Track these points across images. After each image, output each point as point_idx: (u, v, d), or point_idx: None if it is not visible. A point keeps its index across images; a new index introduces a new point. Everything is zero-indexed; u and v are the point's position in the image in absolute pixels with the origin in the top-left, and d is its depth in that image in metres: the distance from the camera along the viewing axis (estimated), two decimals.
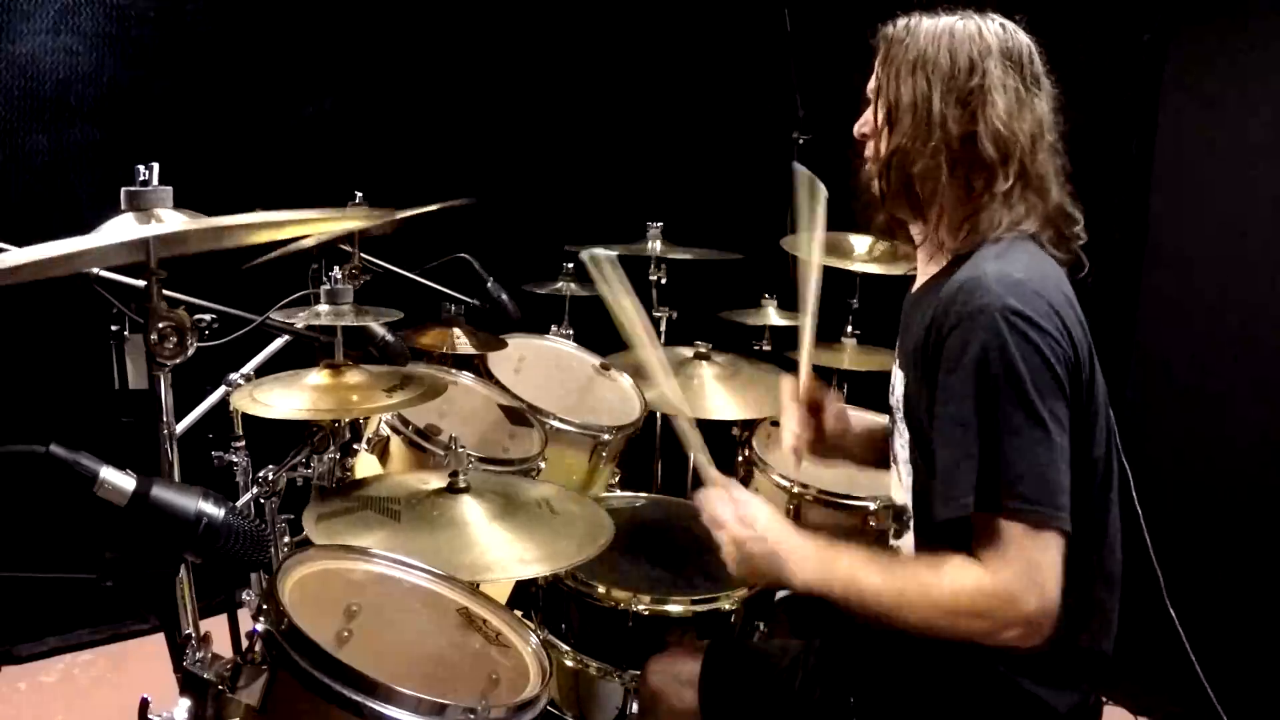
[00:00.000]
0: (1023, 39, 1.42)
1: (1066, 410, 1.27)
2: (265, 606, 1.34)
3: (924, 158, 1.40)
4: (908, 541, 1.48)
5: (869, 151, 1.50)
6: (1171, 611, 1.55)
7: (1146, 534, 1.51)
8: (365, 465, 2.13)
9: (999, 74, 1.38)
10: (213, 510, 1.12)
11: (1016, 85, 1.39)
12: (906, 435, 1.45)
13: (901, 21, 1.45)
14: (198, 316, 1.33)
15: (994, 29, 1.42)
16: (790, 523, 1.45)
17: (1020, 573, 1.21)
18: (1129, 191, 2.66)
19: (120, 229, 1.33)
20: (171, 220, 1.35)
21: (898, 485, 1.51)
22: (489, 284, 2.56)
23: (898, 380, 1.49)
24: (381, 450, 2.13)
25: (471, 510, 1.73)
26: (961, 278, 1.33)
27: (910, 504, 1.46)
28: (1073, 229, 1.46)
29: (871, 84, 1.49)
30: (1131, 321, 2.66)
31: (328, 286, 1.87)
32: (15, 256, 1.14)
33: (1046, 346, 1.25)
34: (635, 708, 1.81)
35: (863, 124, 1.51)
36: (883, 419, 1.82)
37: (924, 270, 1.51)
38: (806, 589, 1.36)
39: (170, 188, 1.37)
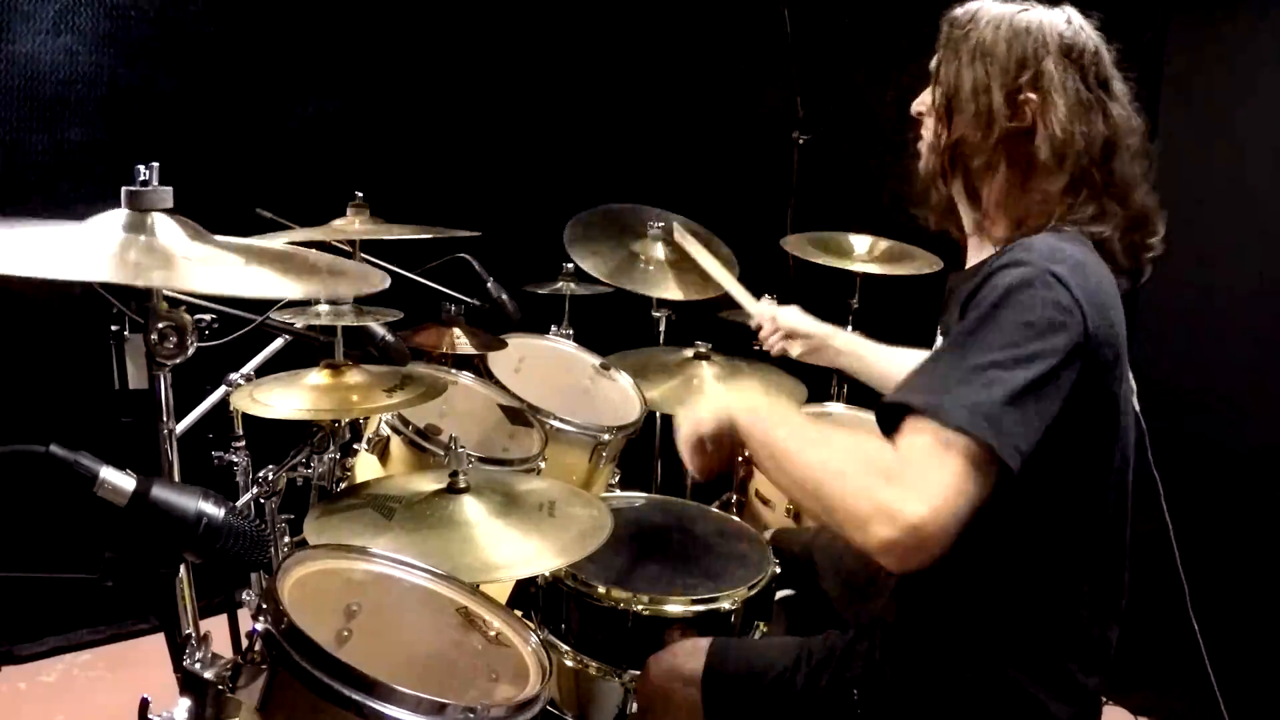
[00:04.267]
0: (1088, 36, 1.39)
1: (1056, 386, 1.19)
2: (265, 606, 1.34)
3: (983, 152, 1.40)
4: None
5: (925, 131, 1.50)
6: (1194, 620, 1.55)
7: (1174, 542, 1.51)
8: (365, 465, 2.13)
9: (1058, 73, 1.36)
10: (213, 510, 1.12)
11: (1078, 86, 1.36)
12: None
13: (966, 5, 1.45)
14: (198, 316, 1.32)
15: (1058, 24, 1.39)
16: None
17: (924, 472, 1.12)
18: None
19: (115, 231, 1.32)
20: (165, 234, 1.35)
21: None
22: (489, 284, 2.56)
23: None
24: (381, 450, 2.13)
25: (472, 509, 1.74)
26: (1009, 253, 1.30)
27: None
28: (1149, 239, 1.44)
29: (933, 62, 1.48)
30: (1130, 323, 2.65)
31: None
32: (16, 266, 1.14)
33: (1071, 310, 1.20)
34: (635, 707, 1.81)
35: (919, 102, 1.51)
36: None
37: (974, 256, 1.50)
38: (737, 427, 1.40)
39: (170, 188, 1.37)
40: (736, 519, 2.29)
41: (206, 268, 1.22)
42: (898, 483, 1.13)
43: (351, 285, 1.42)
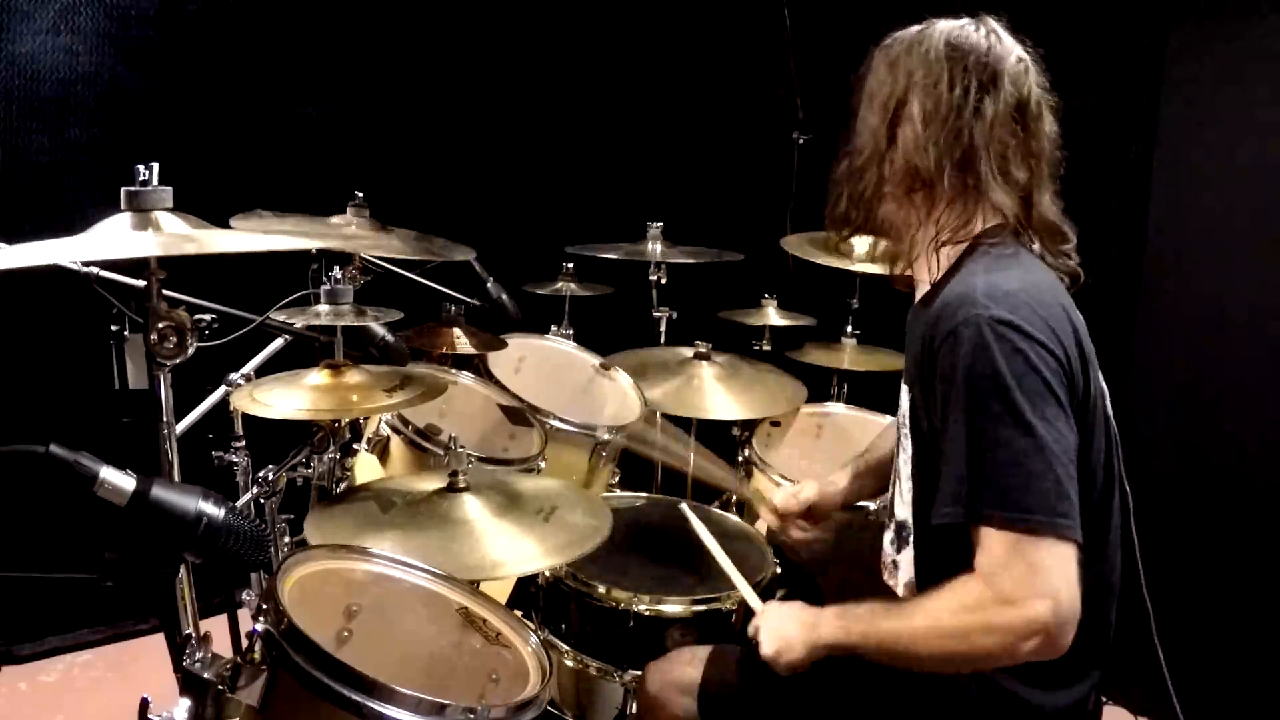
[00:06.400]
0: (979, 38, 1.38)
1: (1064, 417, 1.25)
2: (265, 606, 1.34)
3: (879, 173, 1.42)
4: (907, 556, 1.48)
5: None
6: (1157, 643, 1.55)
7: (1140, 560, 1.50)
8: (365, 465, 2.13)
9: (930, 80, 1.36)
10: (213, 510, 1.12)
11: (948, 91, 1.35)
12: (910, 450, 1.45)
13: (891, 36, 1.46)
14: (198, 316, 1.33)
15: (952, 29, 1.39)
16: (805, 606, 1.46)
17: (1020, 580, 1.19)
18: (1128, 195, 2.65)
19: (117, 232, 1.33)
20: (170, 226, 1.35)
21: (899, 499, 1.51)
22: (489, 284, 2.56)
23: (904, 395, 1.49)
24: (381, 450, 2.13)
25: (472, 508, 1.74)
26: (951, 292, 1.32)
27: (910, 519, 1.46)
28: (1061, 246, 1.44)
29: None
30: (1130, 326, 2.66)
31: (328, 286, 1.88)
32: (14, 257, 1.14)
33: (1035, 354, 1.24)
34: (635, 708, 1.81)
35: None
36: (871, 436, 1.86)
37: (919, 285, 1.51)
38: (834, 648, 1.38)
39: (170, 188, 1.37)
40: (736, 519, 2.30)
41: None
42: (1003, 602, 1.19)
43: None
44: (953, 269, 1.39)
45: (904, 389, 1.49)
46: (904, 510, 1.48)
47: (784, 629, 1.45)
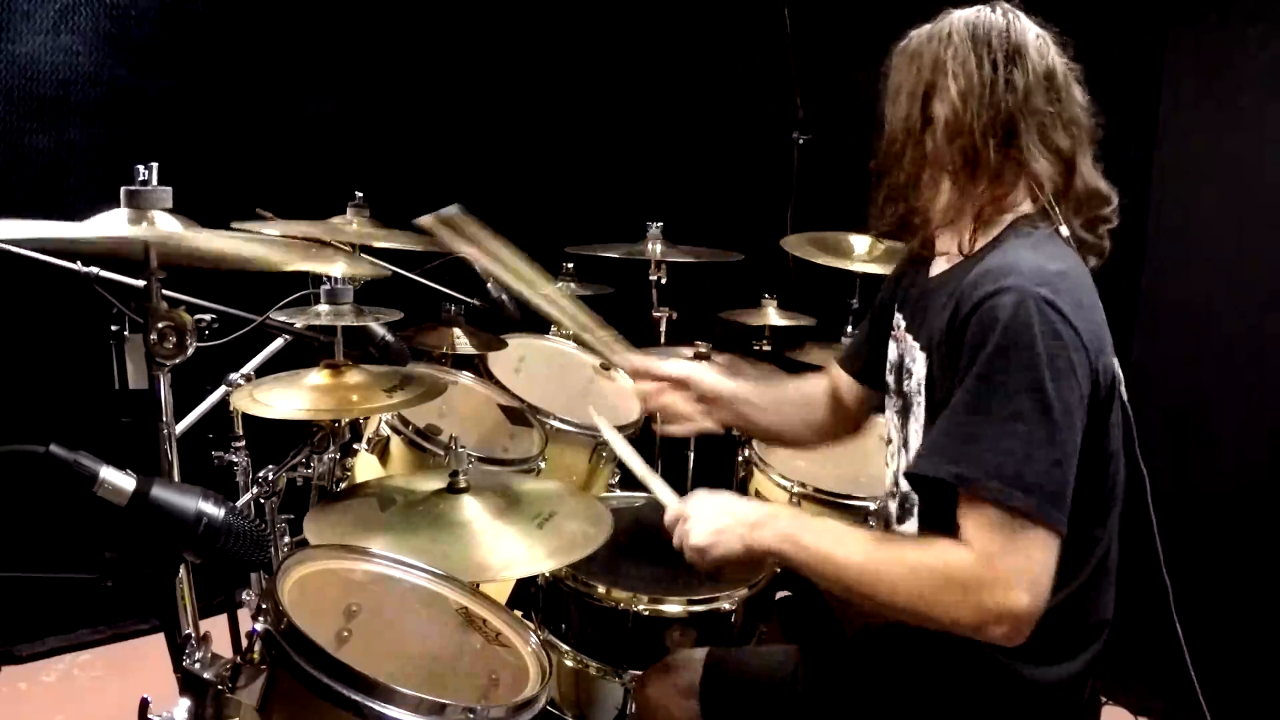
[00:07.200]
0: (998, 16, 1.39)
1: (1081, 407, 1.24)
2: (265, 606, 1.34)
3: (907, 162, 1.42)
4: (911, 527, 1.47)
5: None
6: (1177, 622, 1.55)
7: (1158, 539, 1.50)
8: (365, 465, 2.13)
9: (958, 59, 1.37)
10: (213, 510, 1.12)
11: (977, 69, 1.35)
12: (923, 419, 1.42)
13: (907, 34, 1.46)
14: (198, 316, 1.33)
15: (969, 13, 1.41)
16: (754, 501, 1.41)
17: (1014, 568, 1.18)
18: (1128, 193, 2.65)
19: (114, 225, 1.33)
20: (166, 226, 1.35)
21: (904, 471, 1.50)
22: (489, 284, 2.56)
23: (918, 362, 1.44)
24: (381, 450, 2.13)
25: (469, 509, 1.73)
26: (992, 263, 1.31)
27: (915, 491, 1.45)
28: (1103, 210, 1.44)
29: None
30: (1130, 325, 2.66)
31: (328, 286, 1.88)
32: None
33: (1070, 339, 1.23)
34: (635, 708, 1.81)
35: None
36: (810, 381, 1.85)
37: (947, 256, 1.47)
38: (776, 556, 1.36)
39: (169, 188, 1.38)
40: None
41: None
42: (993, 585, 1.19)
43: None
44: (992, 244, 1.38)
45: (919, 355, 1.45)
46: (909, 481, 1.48)
47: (718, 521, 1.40)
